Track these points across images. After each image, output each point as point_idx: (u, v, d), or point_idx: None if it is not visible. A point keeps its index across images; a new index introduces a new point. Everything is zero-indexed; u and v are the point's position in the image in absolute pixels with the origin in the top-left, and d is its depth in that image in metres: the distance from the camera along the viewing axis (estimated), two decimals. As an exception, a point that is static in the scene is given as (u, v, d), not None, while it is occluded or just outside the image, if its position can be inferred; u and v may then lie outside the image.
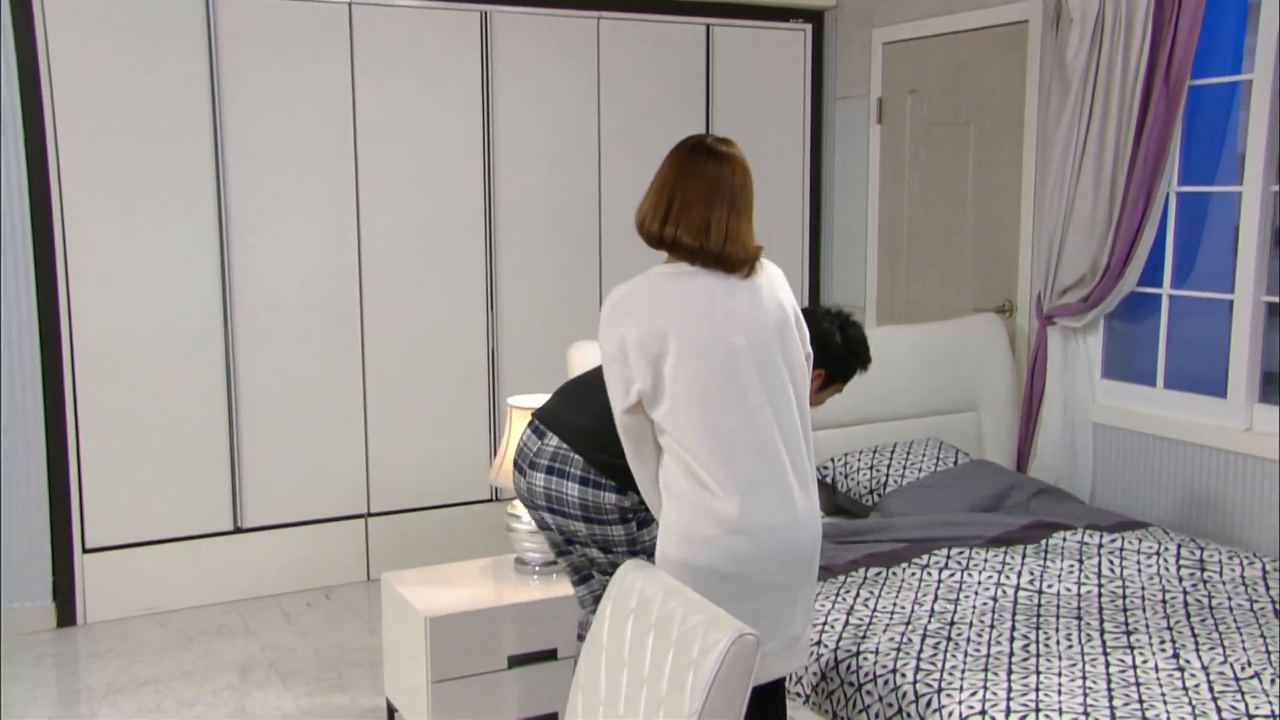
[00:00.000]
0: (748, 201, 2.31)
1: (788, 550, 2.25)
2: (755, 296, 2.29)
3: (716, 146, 2.32)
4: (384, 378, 4.38)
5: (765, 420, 2.24)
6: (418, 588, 3.06)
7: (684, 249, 2.28)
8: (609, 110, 4.68)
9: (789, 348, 2.30)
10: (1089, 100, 3.71)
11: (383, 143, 4.29)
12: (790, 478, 2.26)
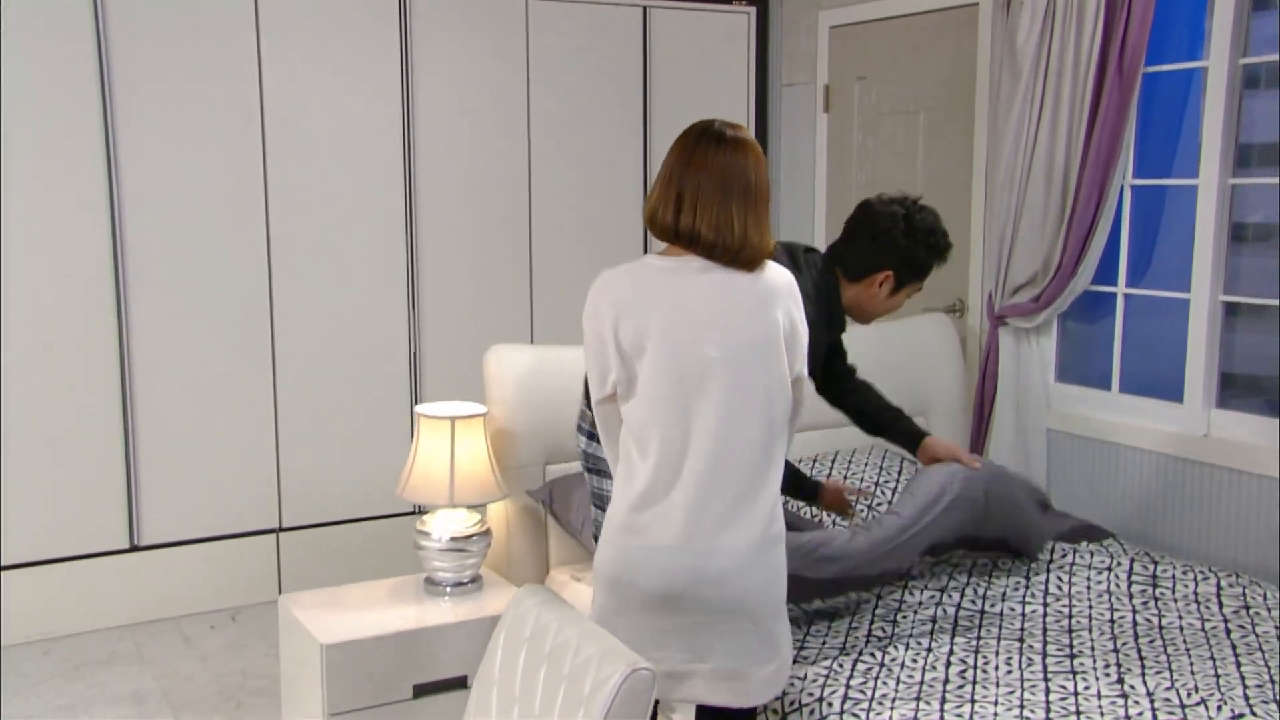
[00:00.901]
0: (765, 193, 2.22)
1: (703, 578, 2.18)
2: (754, 304, 2.18)
3: (725, 131, 2.22)
4: (296, 383, 4.26)
5: (715, 442, 2.17)
6: (316, 611, 2.95)
7: (702, 243, 2.19)
8: (539, 98, 4.59)
9: (773, 366, 2.20)
10: (1040, 88, 3.67)
11: (293, 131, 4.17)
12: (721, 508, 2.17)
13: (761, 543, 2.19)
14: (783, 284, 2.23)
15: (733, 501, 2.17)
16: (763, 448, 2.19)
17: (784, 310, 2.21)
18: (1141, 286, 3.71)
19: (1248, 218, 3.54)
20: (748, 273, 2.19)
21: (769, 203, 2.23)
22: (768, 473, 2.21)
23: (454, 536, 3.09)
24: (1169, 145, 3.65)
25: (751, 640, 2.22)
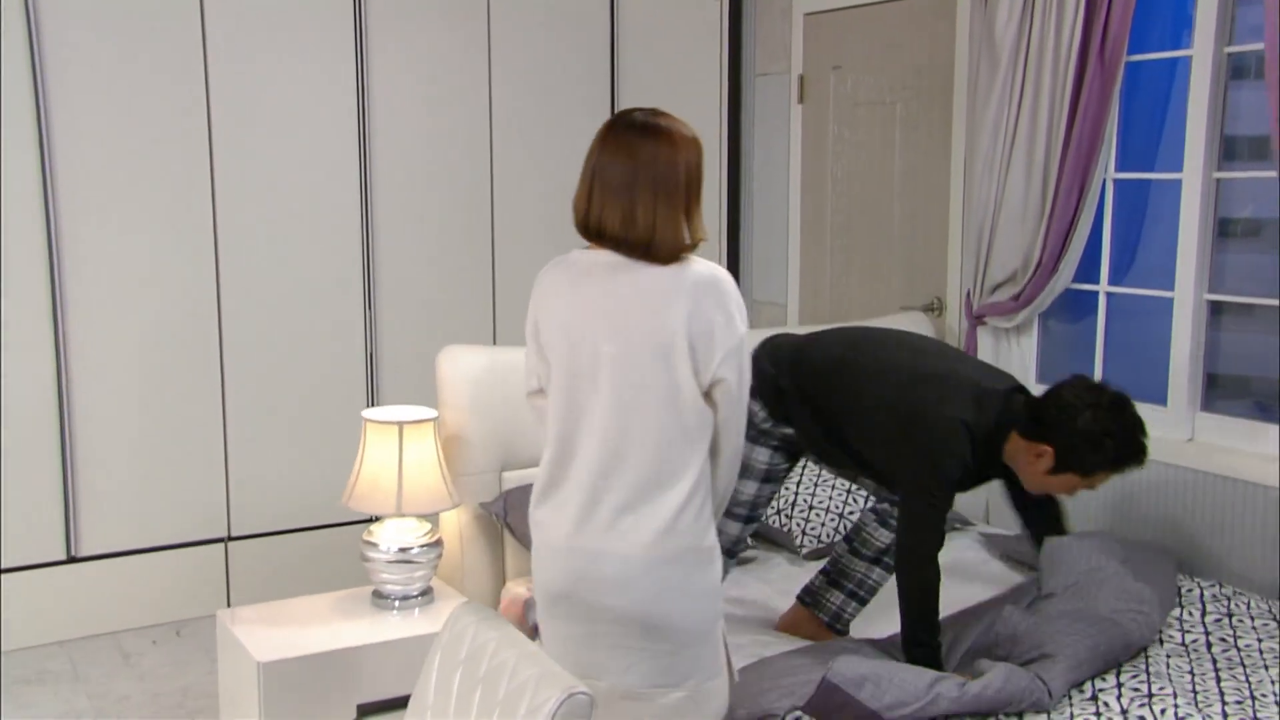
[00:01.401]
0: (682, 184, 2.15)
1: (588, 581, 2.16)
2: (658, 302, 2.12)
3: (647, 120, 2.17)
4: (246, 385, 4.18)
5: (605, 441, 2.15)
6: (256, 627, 2.88)
7: (608, 236, 2.16)
8: (502, 88, 4.52)
9: (672, 368, 2.13)
10: (1020, 78, 3.63)
11: (241, 125, 4.09)
12: (610, 512, 2.14)
13: (659, 554, 2.12)
14: (702, 282, 2.12)
15: (624, 506, 2.14)
16: (662, 453, 2.13)
17: (693, 310, 2.10)
18: (1124, 285, 3.67)
19: (1236, 213, 3.51)
20: (663, 267, 2.12)
21: (693, 193, 2.16)
22: (672, 480, 2.13)
23: (402, 547, 3.02)
24: (1152, 137, 3.61)
25: (648, 660, 2.15)
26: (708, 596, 2.19)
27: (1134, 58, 3.51)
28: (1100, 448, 2.54)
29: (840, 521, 3.45)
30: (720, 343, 2.12)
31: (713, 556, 2.19)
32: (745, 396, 2.18)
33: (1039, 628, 2.58)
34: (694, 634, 2.17)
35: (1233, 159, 3.40)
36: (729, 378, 2.14)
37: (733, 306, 2.14)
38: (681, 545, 2.14)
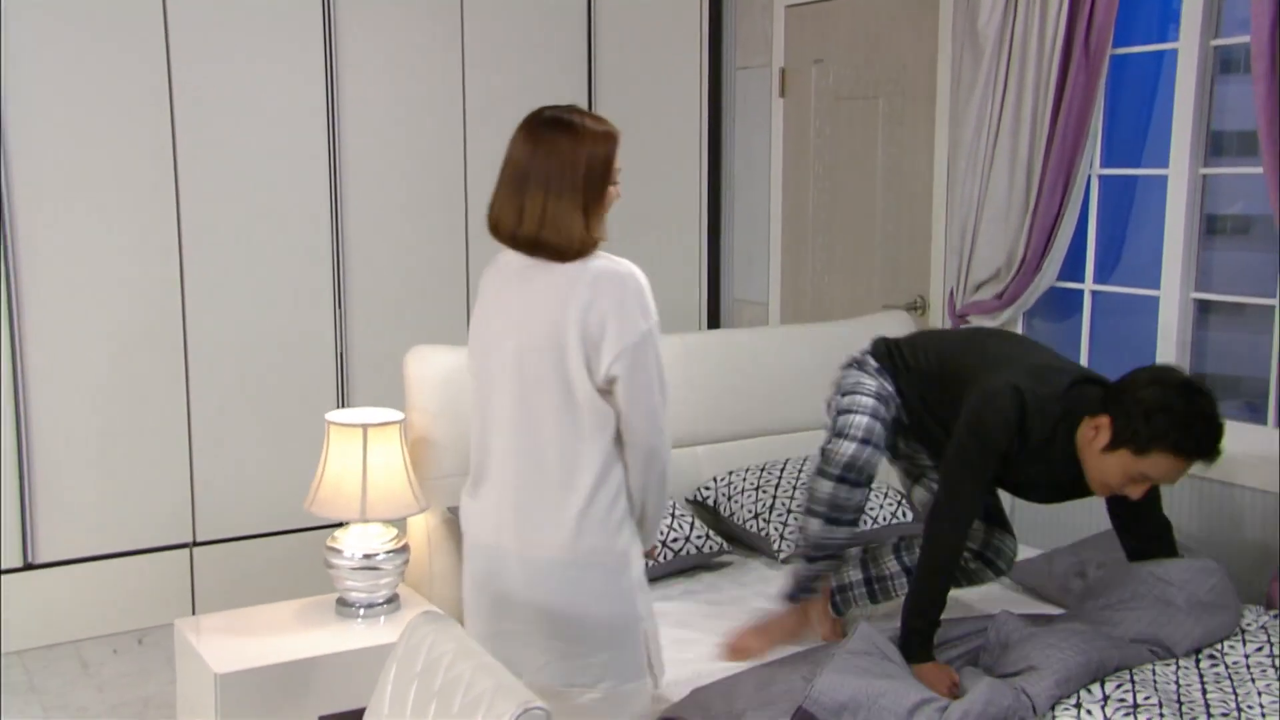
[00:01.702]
0: (581, 180, 2.16)
1: (499, 579, 2.23)
2: (554, 299, 2.16)
3: (553, 116, 2.21)
4: (212, 387, 4.12)
5: (510, 441, 2.21)
6: (215, 636, 2.82)
7: (504, 236, 2.23)
8: (475, 81, 4.47)
9: (565, 366, 2.15)
10: (1003, 71, 3.60)
11: (205, 120, 4.03)
12: (517, 513, 2.19)
13: (565, 556, 2.16)
14: (601, 277, 2.14)
15: (531, 504, 2.19)
16: (561, 450, 2.16)
17: (587, 306, 2.12)
18: (1110, 283, 3.64)
19: (1225, 209, 3.48)
20: (568, 264, 2.15)
21: (595, 190, 2.16)
22: (573, 479, 2.16)
23: (367, 554, 2.97)
24: (1138, 132, 3.59)
25: (560, 660, 2.19)
26: (622, 599, 2.19)
27: (1119, 51, 3.48)
28: (1153, 419, 2.37)
29: (820, 526, 3.41)
30: (614, 340, 2.12)
31: (627, 559, 2.19)
32: (648, 398, 2.16)
33: (1032, 639, 2.55)
34: (607, 637, 2.19)
35: (1221, 154, 3.38)
36: (621, 375, 2.13)
37: (632, 303, 2.13)
38: (588, 547, 2.16)
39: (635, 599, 2.21)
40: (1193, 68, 3.27)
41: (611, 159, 2.21)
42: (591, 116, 2.23)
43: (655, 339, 2.17)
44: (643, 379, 2.14)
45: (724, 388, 3.69)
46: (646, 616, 2.25)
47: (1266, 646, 2.74)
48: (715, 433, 3.69)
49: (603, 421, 2.16)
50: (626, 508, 2.21)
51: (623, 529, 2.20)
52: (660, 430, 2.20)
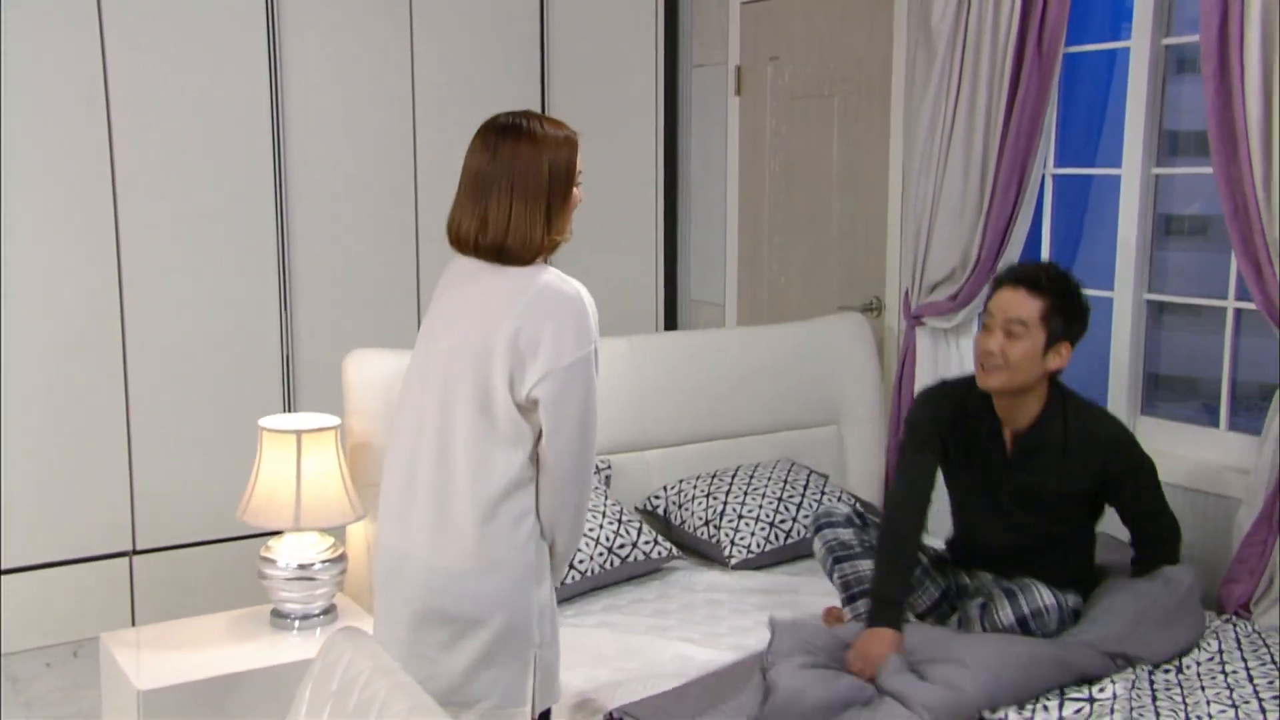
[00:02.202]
0: (545, 184, 2.15)
1: (399, 590, 2.22)
2: (491, 306, 2.14)
3: (509, 121, 2.20)
4: (152, 392, 4.04)
5: (427, 437, 2.19)
6: (141, 651, 2.75)
7: (466, 243, 2.20)
8: (426, 81, 4.40)
9: (486, 374, 2.13)
10: (957, 69, 3.57)
11: (144, 115, 3.94)
12: (426, 510, 2.19)
13: (463, 566, 2.15)
14: (545, 294, 2.11)
15: (437, 513, 2.17)
16: (471, 454, 2.14)
17: (523, 319, 2.10)
18: (1066, 284, 3.60)
19: (1183, 210, 3.47)
20: (516, 271, 2.14)
21: (558, 193, 2.15)
22: (481, 486, 2.14)
23: (302, 563, 2.91)
24: (1092, 132, 3.57)
25: (444, 675, 2.18)
26: (519, 618, 2.15)
27: (1072, 49, 3.46)
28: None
29: (771, 531, 3.37)
30: (543, 360, 2.09)
31: (530, 578, 2.16)
32: (569, 426, 2.11)
33: (963, 639, 2.56)
34: (496, 654, 2.15)
35: (1178, 155, 3.36)
36: (544, 399, 2.09)
37: (570, 326, 2.09)
38: (489, 559, 2.13)
39: (533, 622, 2.17)
40: (1144, 66, 3.25)
41: (574, 163, 2.21)
42: (549, 121, 2.21)
43: (589, 366, 2.11)
44: (568, 407, 2.10)
45: (673, 391, 3.64)
46: (545, 644, 2.20)
47: (1217, 655, 2.72)
48: (666, 437, 3.64)
49: (518, 436, 2.13)
50: (535, 528, 2.18)
51: (528, 547, 2.16)
52: (579, 463, 2.14)
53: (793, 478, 3.55)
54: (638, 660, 2.71)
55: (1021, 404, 2.73)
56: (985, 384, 2.71)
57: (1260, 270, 2.85)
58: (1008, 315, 2.68)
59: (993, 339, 2.68)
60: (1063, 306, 2.70)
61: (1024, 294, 2.69)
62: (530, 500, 2.17)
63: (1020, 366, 2.67)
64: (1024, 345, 2.66)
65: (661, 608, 3.07)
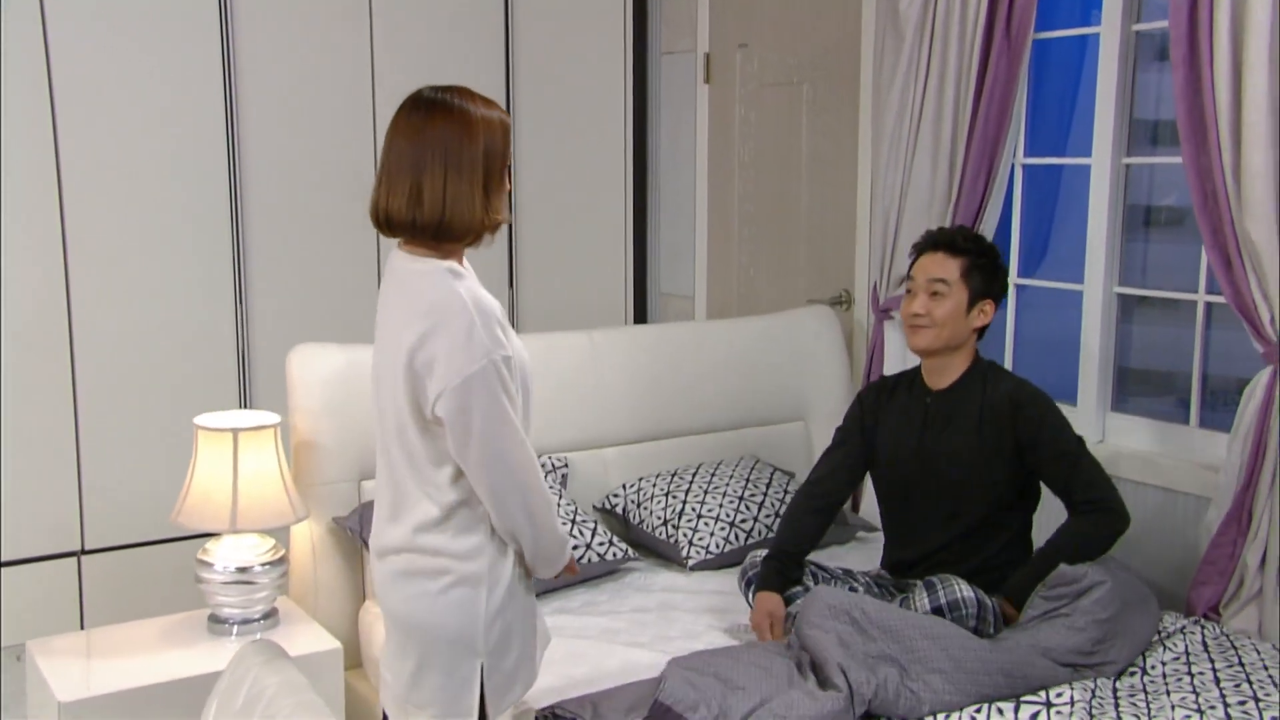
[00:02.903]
0: (480, 160, 2.06)
1: (376, 588, 2.19)
2: (404, 320, 2.05)
3: (436, 97, 2.11)
4: (101, 386, 3.94)
5: (379, 453, 2.17)
6: (67, 659, 2.67)
7: (398, 225, 2.09)
8: (386, 68, 4.30)
9: (400, 388, 2.05)
10: (925, 56, 3.48)
11: (91, 106, 3.84)
12: (389, 510, 2.16)
13: (393, 570, 2.12)
14: (434, 311, 2.02)
15: (387, 518, 2.14)
16: (400, 475, 2.11)
17: (421, 336, 2.01)
18: (1037, 277, 3.54)
19: (1160, 200, 3.39)
20: (427, 268, 2.06)
21: (493, 171, 2.08)
22: (405, 505, 2.10)
23: (241, 566, 2.82)
24: (1063, 120, 3.48)
25: (392, 681, 2.16)
26: (465, 624, 2.09)
27: (1041, 35, 3.38)
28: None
29: (731, 531, 3.29)
30: (438, 379, 2.00)
31: (479, 585, 2.09)
32: (479, 443, 2.01)
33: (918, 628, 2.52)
34: (440, 660, 2.10)
35: (1159, 145, 3.28)
36: (446, 418, 2.01)
37: (459, 344, 1.99)
38: (431, 566, 2.08)
39: (478, 632, 2.09)
40: (1114, 53, 3.17)
41: (508, 145, 2.13)
42: (482, 99, 2.12)
43: (489, 380, 1.99)
44: (470, 424, 1.99)
45: (634, 387, 3.56)
46: (491, 653, 2.12)
47: (1183, 657, 2.65)
48: (626, 434, 3.56)
49: (439, 455, 2.07)
50: (487, 538, 2.10)
51: (477, 558, 2.09)
52: (506, 472, 2.04)
53: (755, 476, 3.47)
54: (583, 666, 2.62)
55: (948, 365, 2.84)
56: (915, 344, 2.84)
57: (1230, 262, 2.78)
58: (930, 276, 2.81)
59: (917, 301, 2.81)
60: (982, 264, 2.81)
61: (943, 255, 2.82)
62: (478, 510, 2.10)
63: (946, 323, 2.79)
64: (949, 303, 2.78)
65: (614, 610, 2.99)
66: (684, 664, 2.44)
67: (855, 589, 2.83)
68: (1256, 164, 2.67)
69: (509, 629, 2.14)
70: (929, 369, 2.89)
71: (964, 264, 2.80)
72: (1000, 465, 2.78)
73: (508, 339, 2.05)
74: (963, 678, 2.38)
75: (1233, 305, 2.79)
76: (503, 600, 2.12)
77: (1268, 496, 2.76)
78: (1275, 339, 2.73)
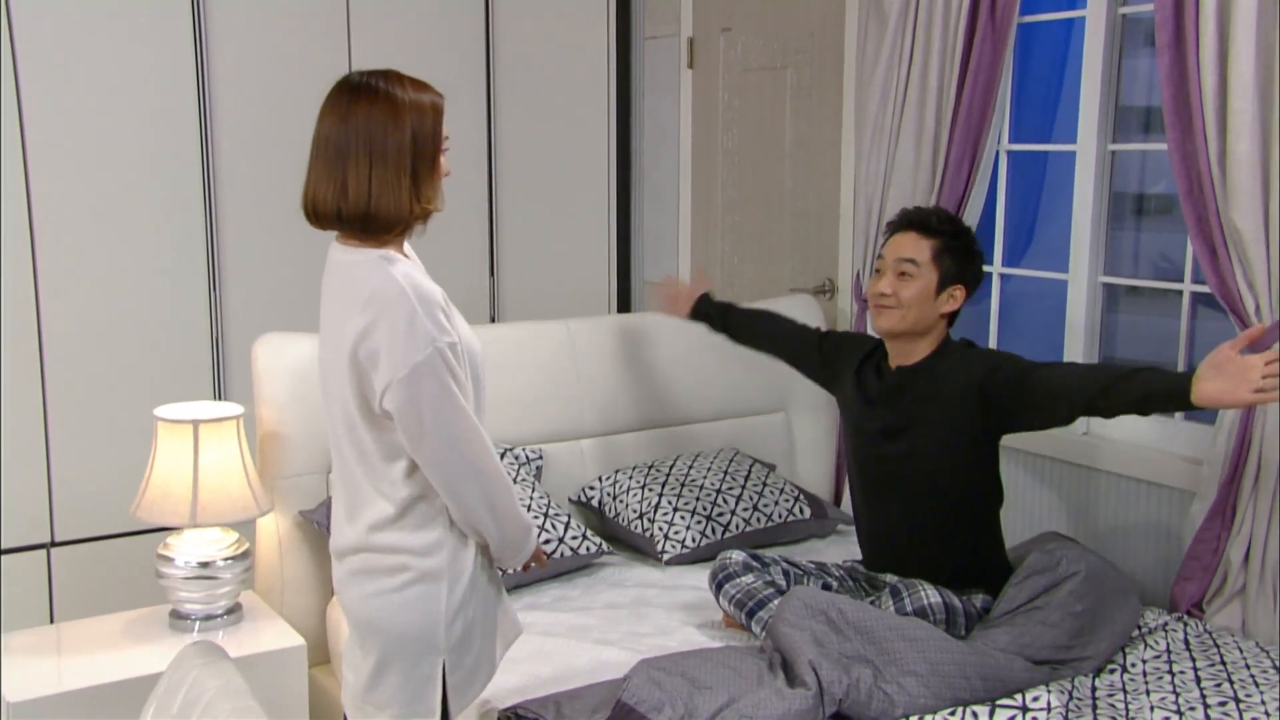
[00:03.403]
0: (408, 147, 2.00)
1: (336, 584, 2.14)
2: (346, 313, 2.00)
3: (362, 81, 2.05)
4: (71, 376, 3.87)
5: (335, 454, 2.09)
6: (22, 657, 2.61)
7: (325, 216, 2.04)
8: (362, 51, 4.23)
9: (346, 381, 2.00)
10: (909, 39, 3.42)
11: (58, 89, 3.76)
12: (345, 509, 2.10)
13: (351, 569, 2.07)
14: (373, 302, 1.96)
15: (344, 518, 2.08)
16: (352, 472, 2.05)
17: (364, 329, 1.95)
18: (1023, 266, 3.48)
19: (1152, 188, 3.33)
20: (362, 259, 2.01)
21: (423, 158, 2.02)
22: (360, 504, 2.04)
23: (203, 561, 2.76)
24: (1048, 106, 3.42)
25: (352, 678, 2.13)
26: (424, 620, 2.03)
27: (1027, 19, 3.31)
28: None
29: (708, 525, 3.23)
30: (383, 372, 1.94)
31: (438, 580, 2.03)
32: (430, 433, 1.95)
33: (899, 633, 2.45)
34: (398, 658, 2.04)
35: (1150, 131, 3.21)
36: (395, 410, 1.95)
37: (400, 334, 1.93)
38: (386, 564, 2.03)
39: (440, 627, 2.03)
40: (1100, 37, 3.10)
41: (439, 129, 2.06)
42: (411, 82, 2.06)
43: (435, 369, 1.93)
44: (420, 415, 1.94)
45: (612, 377, 3.51)
46: (453, 651, 2.06)
47: (1164, 654, 2.60)
48: (603, 426, 3.51)
49: (391, 448, 2.01)
50: (446, 531, 2.05)
51: (437, 553, 2.03)
52: (461, 463, 1.98)
53: (734, 468, 3.41)
54: (550, 665, 2.57)
55: (913, 348, 2.76)
56: (878, 325, 2.76)
57: (1215, 252, 2.71)
58: (899, 256, 2.73)
59: (884, 280, 2.74)
60: (954, 247, 2.73)
61: (916, 235, 2.74)
62: (436, 503, 2.05)
63: (912, 305, 2.70)
64: (916, 285, 2.70)
65: (586, 606, 2.93)
66: (653, 664, 2.39)
67: (829, 584, 2.77)
68: (1242, 151, 2.61)
69: (471, 625, 2.09)
70: (893, 350, 2.82)
71: (936, 246, 2.72)
72: (963, 445, 2.68)
73: (452, 325, 1.99)
74: (938, 681, 2.33)
75: (1218, 295, 2.73)
76: (464, 595, 2.06)
77: (1252, 491, 2.70)
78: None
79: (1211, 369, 2.24)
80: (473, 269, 4.51)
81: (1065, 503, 3.23)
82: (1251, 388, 2.18)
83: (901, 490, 2.75)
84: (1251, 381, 2.18)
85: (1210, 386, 2.22)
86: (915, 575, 2.72)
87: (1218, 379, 2.22)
